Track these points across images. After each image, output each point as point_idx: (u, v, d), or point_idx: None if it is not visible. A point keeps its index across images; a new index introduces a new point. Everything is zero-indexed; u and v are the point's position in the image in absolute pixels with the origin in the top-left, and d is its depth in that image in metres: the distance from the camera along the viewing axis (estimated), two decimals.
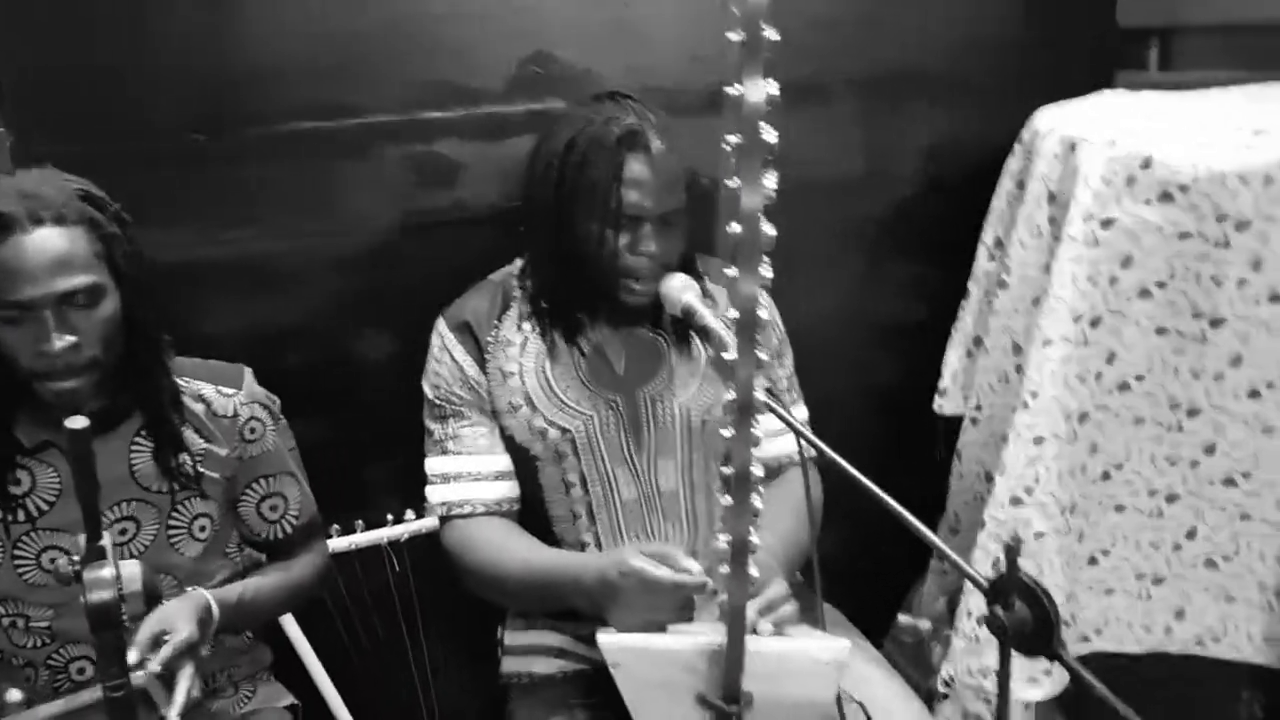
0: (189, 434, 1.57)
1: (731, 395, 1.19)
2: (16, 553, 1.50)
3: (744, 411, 1.18)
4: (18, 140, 1.83)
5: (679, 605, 1.45)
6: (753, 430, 1.20)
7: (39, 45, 1.83)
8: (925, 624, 2.13)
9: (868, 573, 2.02)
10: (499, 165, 2.06)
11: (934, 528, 2.16)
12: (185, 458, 1.56)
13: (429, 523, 2.12)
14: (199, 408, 1.59)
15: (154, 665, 1.34)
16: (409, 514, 2.12)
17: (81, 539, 1.07)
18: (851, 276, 2.29)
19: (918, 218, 2.27)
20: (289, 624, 1.99)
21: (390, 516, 2.10)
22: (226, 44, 1.91)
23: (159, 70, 1.90)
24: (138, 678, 1.34)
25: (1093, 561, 1.85)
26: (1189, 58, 2.13)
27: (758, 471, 1.21)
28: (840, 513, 1.90)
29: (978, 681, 1.80)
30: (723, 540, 1.25)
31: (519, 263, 1.82)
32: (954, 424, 2.11)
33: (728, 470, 1.21)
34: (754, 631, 1.40)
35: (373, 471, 2.15)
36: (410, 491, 2.08)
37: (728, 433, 1.20)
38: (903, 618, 2.18)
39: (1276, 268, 1.69)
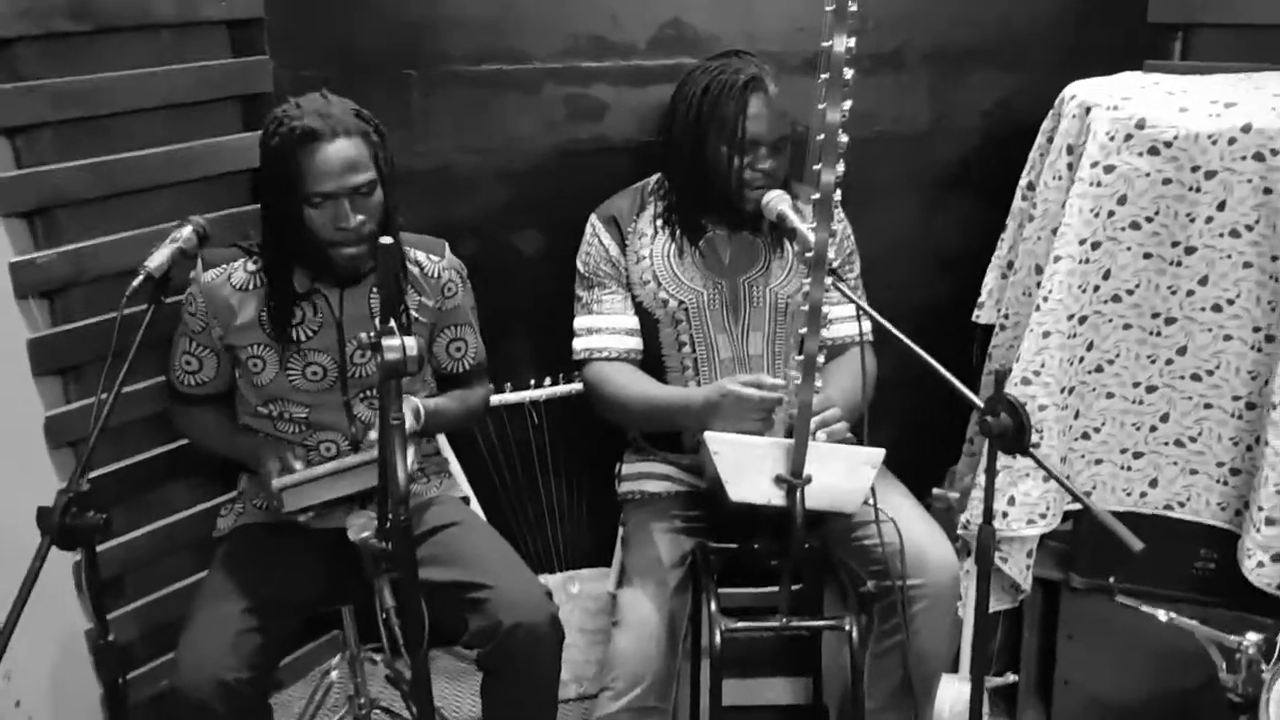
0: (408, 287, 2.03)
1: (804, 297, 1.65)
2: (287, 367, 1.99)
3: (814, 312, 1.68)
4: (276, 66, 2.29)
5: (762, 417, 1.90)
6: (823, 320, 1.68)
7: None
8: (955, 495, 2.46)
9: (911, 464, 2.33)
10: (637, 107, 2.47)
11: (967, 419, 2.58)
12: (406, 303, 2.03)
13: (561, 388, 2.56)
14: (415, 269, 2.04)
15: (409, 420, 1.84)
16: (546, 380, 2.55)
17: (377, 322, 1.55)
18: (915, 212, 2.64)
19: (973, 167, 2.60)
20: (451, 460, 2.40)
21: (532, 381, 2.54)
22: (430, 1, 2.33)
23: (380, 17, 2.33)
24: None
25: (1085, 436, 2.20)
26: (1206, 50, 2.41)
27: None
28: (892, 405, 2.24)
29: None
30: (794, 365, 1.75)
31: (654, 177, 2.26)
32: (987, 336, 2.40)
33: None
34: (814, 439, 1.84)
35: (518, 345, 2.56)
36: (546, 363, 2.54)
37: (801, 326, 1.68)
38: (936, 490, 2.49)
39: (1235, 208, 1.98)
